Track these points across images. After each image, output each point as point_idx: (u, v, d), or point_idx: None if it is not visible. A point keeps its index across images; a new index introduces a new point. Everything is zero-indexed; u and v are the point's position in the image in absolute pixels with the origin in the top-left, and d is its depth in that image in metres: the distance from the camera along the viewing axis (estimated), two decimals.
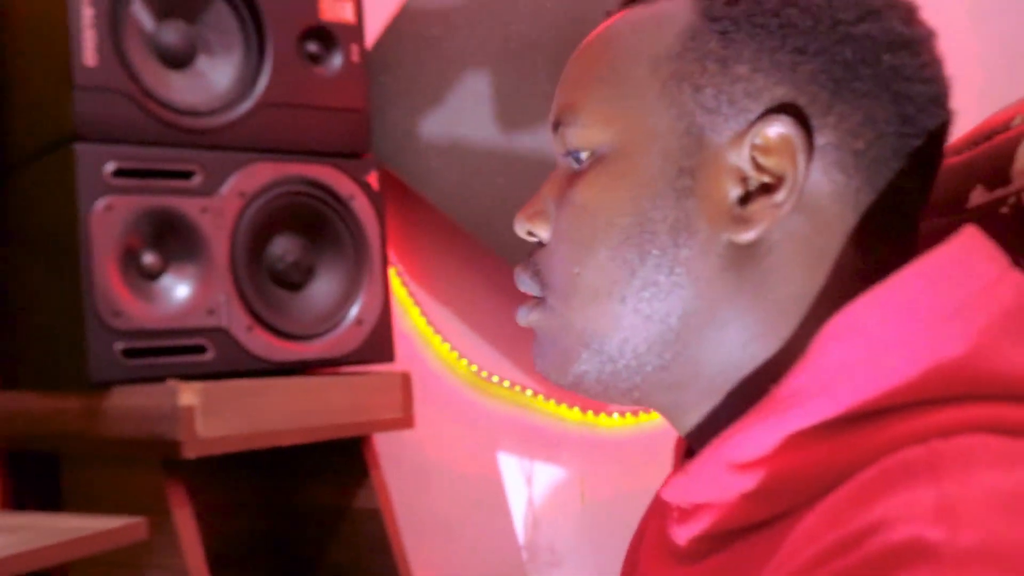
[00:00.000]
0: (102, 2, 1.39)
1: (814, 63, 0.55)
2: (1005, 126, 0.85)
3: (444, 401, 1.93)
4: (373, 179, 1.65)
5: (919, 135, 0.56)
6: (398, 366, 1.67)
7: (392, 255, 1.95)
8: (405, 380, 1.61)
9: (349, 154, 1.64)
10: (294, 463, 1.74)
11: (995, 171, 0.82)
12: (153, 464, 1.37)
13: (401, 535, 1.61)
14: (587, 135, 0.59)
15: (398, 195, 1.92)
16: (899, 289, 0.52)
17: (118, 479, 1.46)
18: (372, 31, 1.83)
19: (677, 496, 0.57)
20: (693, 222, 0.56)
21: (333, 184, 1.60)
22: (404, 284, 1.96)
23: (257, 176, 1.52)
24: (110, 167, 1.40)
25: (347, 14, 1.64)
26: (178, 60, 1.50)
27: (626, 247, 0.56)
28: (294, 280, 1.59)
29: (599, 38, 0.62)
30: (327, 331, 1.59)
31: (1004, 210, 0.80)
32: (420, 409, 1.75)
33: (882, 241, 0.56)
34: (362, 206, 1.63)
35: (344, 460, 1.66)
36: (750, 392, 0.55)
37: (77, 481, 1.57)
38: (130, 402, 1.38)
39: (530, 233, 0.62)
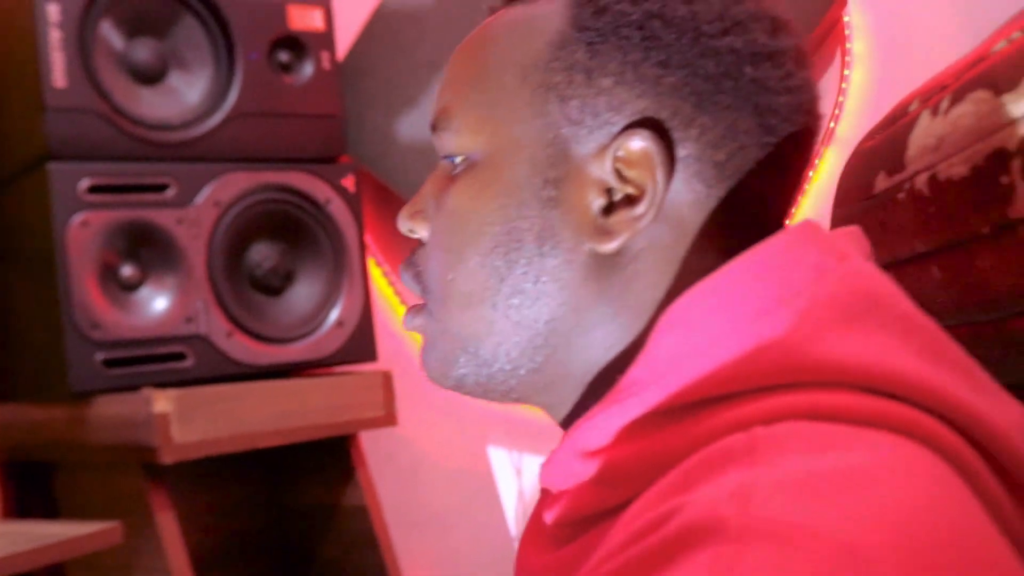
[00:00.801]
0: (70, 24, 1.43)
1: (677, 76, 0.56)
2: (904, 111, 0.86)
3: (433, 397, 1.96)
4: (350, 182, 1.68)
5: (781, 143, 0.58)
6: (386, 364, 1.71)
7: (379, 255, 1.99)
8: (387, 379, 1.64)
9: (324, 159, 1.68)
10: (284, 463, 1.78)
11: (893, 157, 0.84)
12: (135, 470, 1.41)
13: (389, 531, 1.65)
14: (459, 141, 0.61)
15: (383, 196, 1.95)
16: (726, 281, 0.53)
17: (106, 485, 1.51)
18: (347, 36, 1.86)
19: (544, 482, 0.60)
20: (558, 232, 0.57)
21: (309, 189, 1.63)
22: (391, 283, 1.99)
23: (232, 185, 1.56)
24: (84, 184, 1.44)
25: (317, 22, 1.67)
26: (150, 76, 1.54)
27: (495, 255, 0.58)
28: (274, 285, 1.63)
29: (475, 40, 0.63)
30: (308, 334, 1.63)
31: (901, 195, 0.82)
32: (410, 406, 1.78)
33: (743, 245, 0.57)
34: (339, 209, 1.66)
35: (332, 459, 1.69)
36: (607, 386, 0.57)
37: (70, 488, 1.62)
38: (111, 410, 1.42)
39: (411, 231, 0.64)
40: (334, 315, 1.64)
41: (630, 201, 0.56)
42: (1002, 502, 0.51)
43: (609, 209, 0.57)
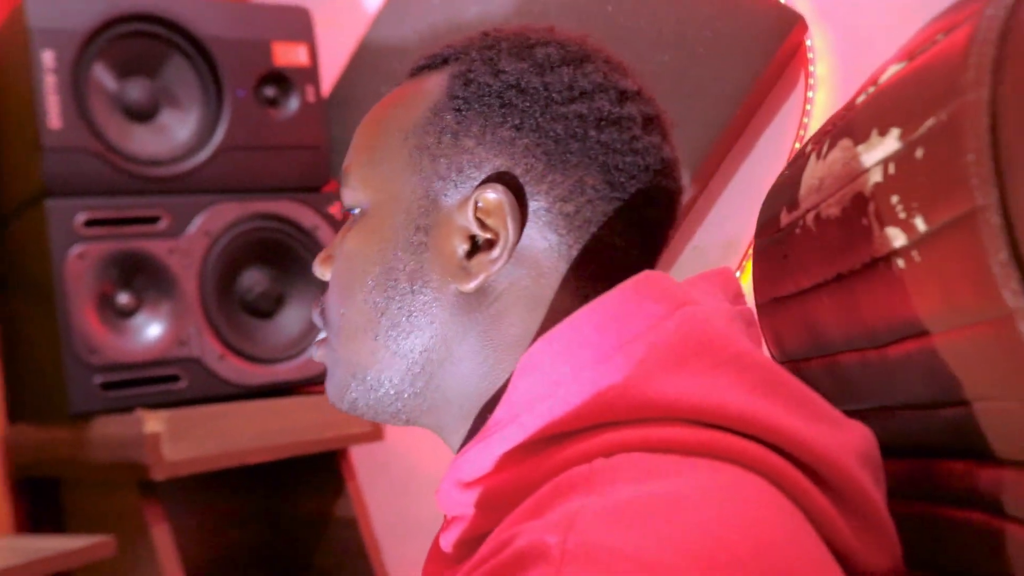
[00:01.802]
0: (65, 69, 1.53)
1: (529, 138, 0.65)
2: (803, 151, 0.93)
3: None
4: (336, 209, 1.77)
5: (629, 198, 0.66)
6: None
7: None
8: None
9: (311, 188, 1.76)
10: (278, 477, 1.86)
11: (791, 195, 0.90)
12: (131, 486, 1.50)
13: (379, 541, 1.73)
14: (354, 195, 0.70)
15: None
16: (571, 331, 0.61)
17: (106, 500, 1.61)
18: (333, 70, 1.94)
19: (439, 507, 0.67)
20: (427, 273, 0.66)
21: (296, 217, 1.72)
22: None
23: (222, 216, 1.65)
24: (81, 218, 1.53)
25: (301, 58, 1.76)
26: (142, 114, 1.63)
27: (376, 292, 0.67)
28: (264, 309, 1.72)
29: (375, 109, 0.73)
30: (298, 354, 1.71)
31: (797, 231, 0.89)
32: None
33: (596, 288, 0.65)
34: (326, 235, 1.75)
35: (323, 473, 1.78)
36: (485, 419, 0.65)
37: (75, 503, 1.71)
38: (109, 430, 1.51)
39: (323, 275, 0.73)
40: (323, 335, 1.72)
41: (490, 246, 0.65)
42: (831, 518, 0.57)
43: (473, 253, 0.65)
